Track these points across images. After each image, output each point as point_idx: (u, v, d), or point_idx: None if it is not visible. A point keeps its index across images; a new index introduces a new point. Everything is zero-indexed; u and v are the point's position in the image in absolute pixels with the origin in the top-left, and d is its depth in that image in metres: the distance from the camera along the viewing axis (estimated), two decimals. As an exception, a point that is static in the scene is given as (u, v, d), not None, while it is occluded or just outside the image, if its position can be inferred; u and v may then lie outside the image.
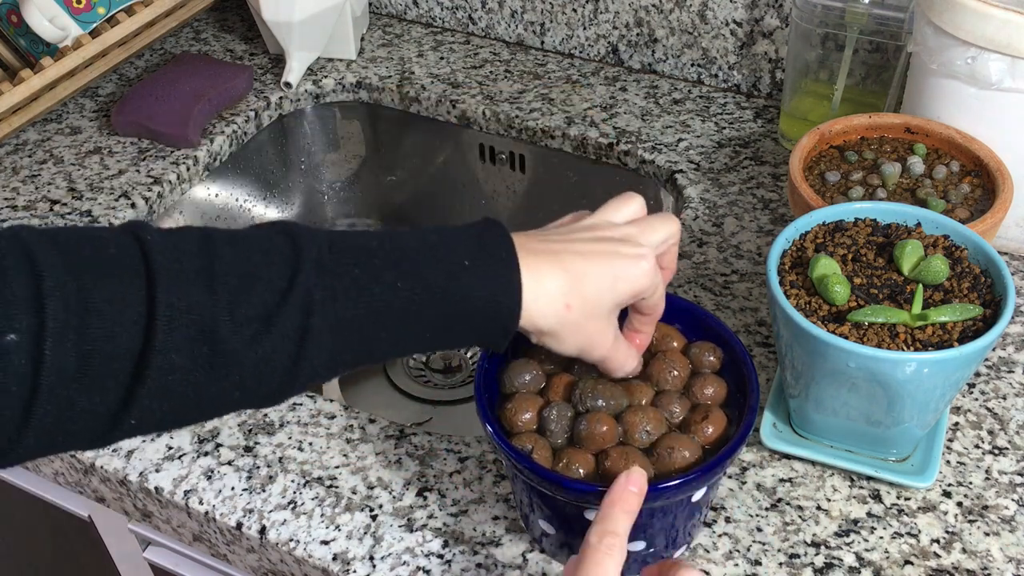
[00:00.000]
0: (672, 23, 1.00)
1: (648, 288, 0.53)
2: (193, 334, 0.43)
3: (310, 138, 1.10)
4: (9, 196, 0.91)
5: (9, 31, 0.98)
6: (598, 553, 0.45)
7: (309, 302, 0.45)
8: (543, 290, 0.50)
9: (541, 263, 0.51)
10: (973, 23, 0.69)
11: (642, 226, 0.55)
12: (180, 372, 0.43)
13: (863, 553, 0.59)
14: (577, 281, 0.51)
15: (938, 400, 0.57)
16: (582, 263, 0.52)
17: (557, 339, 0.52)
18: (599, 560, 0.45)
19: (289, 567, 0.63)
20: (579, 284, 0.51)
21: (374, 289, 0.47)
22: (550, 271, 0.51)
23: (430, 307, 0.48)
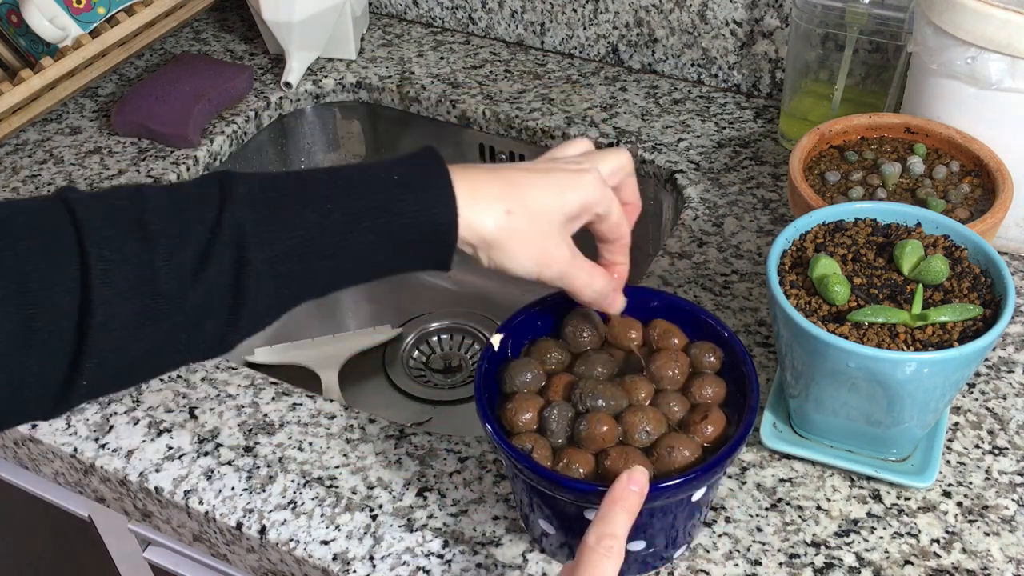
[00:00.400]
0: (672, 23, 1.00)
1: (598, 201, 0.53)
2: (132, 284, 0.43)
3: (310, 138, 1.10)
4: (9, 196, 0.91)
5: (9, 31, 0.98)
6: (595, 555, 0.44)
7: (241, 234, 0.45)
8: (480, 195, 0.50)
9: (477, 175, 0.51)
10: (973, 23, 0.69)
11: (590, 156, 0.56)
12: (123, 325, 0.43)
13: (863, 553, 0.59)
14: (516, 187, 0.51)
15: (938, 400, 0.57)
16: (522, 174, 0.52)
17: (504, 251, 0.51)
18: (596, 562, 0.44)
19: (289, 567, 0.63)
20: (519, 191, 0.51)
21: (307, 216, 0.47)
22: (487, 180, 0.51)
23: (366, 229, 0.48)
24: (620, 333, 0.59)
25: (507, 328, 0.59)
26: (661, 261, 0.81)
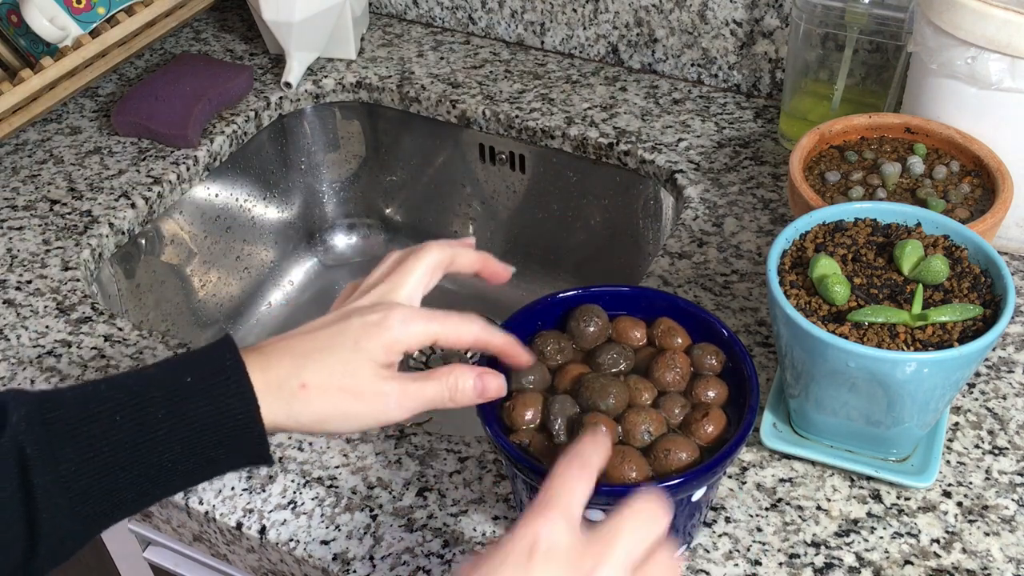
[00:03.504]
0: (672, 23, 1.00)
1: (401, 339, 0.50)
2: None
3: (310, 138, 1.10)
4: (9, 196, 0.91)
5: (9, 31, 0.98)
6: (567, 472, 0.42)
7: (22, 458, 0.43)
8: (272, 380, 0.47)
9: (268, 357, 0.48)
10: (973, 23, 0.69)
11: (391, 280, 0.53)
12: None
13: (863, 553, 0.59)
14: (307, 358, 0.48)
15: (938, 400, 0.57)
16: (312, 340, 0.49)
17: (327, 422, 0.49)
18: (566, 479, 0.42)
19: (289, 567, 0.63)
20: (309, 360, 0.48)
21: (92, 430, 0.44)
22: (275, 360, 0.48)
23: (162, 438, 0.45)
24: (624, 332, 0.59)
25: (507, 328, 0.59)
26: (661, 261, 0.81)
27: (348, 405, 0.49)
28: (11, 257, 0.84)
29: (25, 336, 0.77)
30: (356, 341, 0.49)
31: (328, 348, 0.49)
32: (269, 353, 0.49)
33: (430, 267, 0.54)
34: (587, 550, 0.40)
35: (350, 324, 0.50)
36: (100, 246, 0.87)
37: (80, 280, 0.82)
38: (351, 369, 0.49)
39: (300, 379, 0.48)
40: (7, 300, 0.80)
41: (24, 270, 0.83)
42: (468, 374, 0.51)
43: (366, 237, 1.19)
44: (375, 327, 0.49)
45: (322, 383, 0.48)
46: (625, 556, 0.40)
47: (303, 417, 0.48)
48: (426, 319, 0.51)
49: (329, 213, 1.17)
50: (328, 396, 0.48)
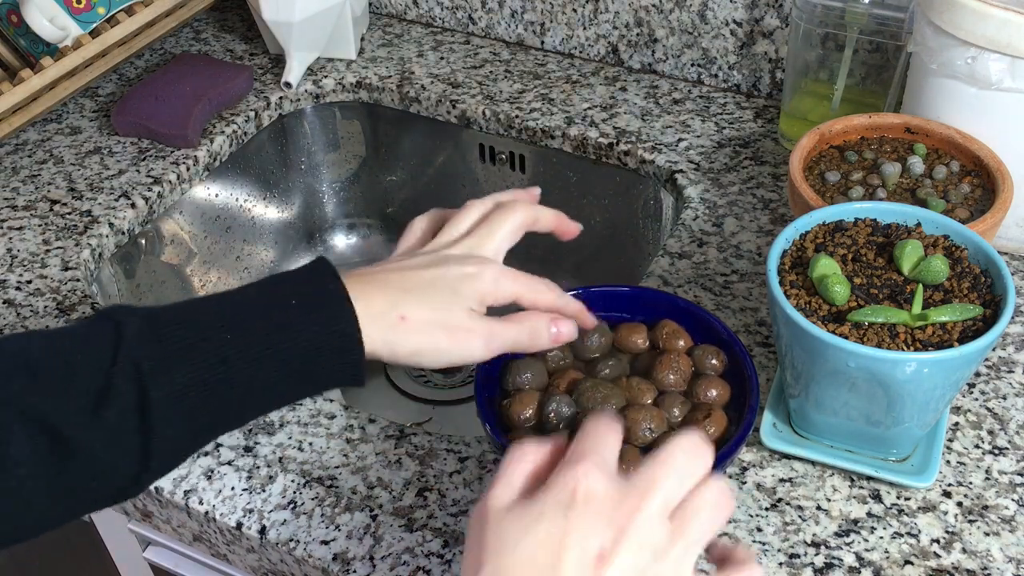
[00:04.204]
0: (672, 23, 1.00)
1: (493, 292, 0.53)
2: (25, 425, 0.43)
3: (310, 138, 1.10)
4: (9, 196, 0.91)
5: (9, 31, 0.98)
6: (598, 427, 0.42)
7: (138, 374, 0.45)
8: (374, 308, 0.50)
9: (369, 287, 0.51)
10: (973, 23, 0.69)
11: (480, 233, 0.56)
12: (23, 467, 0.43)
13: (863, 553, 0.59)
14: (407, 293, 0.51)
15: (938, 400, 0.57)
16: (412, 278, 0.52)
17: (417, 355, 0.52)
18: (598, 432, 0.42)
19: (289, 567, 0.63)
20: (410, 295, 0.51)
21: (204, 348, 0.46)
22: (376, 290, 0.51)
23: (268, 356, 0.47)
24: (626, 338, 0.59)
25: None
26: (661, 261, 0.81)
27: (441, 340, 0.52)
28: (11, 257, 0.84)
29: (25, 336, 0.77)
30: (455, 287, 0.52)
31: (428, 287, 0.52)
32: (369, 283, 0.51)
33: (516, 226, 0.57)
34: (626, 496, 0.39)
35: (449, 270, 0.53)
36: (100, 246, 0.87)
37: (80, 280, 0.82)
38: (448, 309, 0.52)
39: (400, 311, 0.51)
40: (7, 300, 0.80)
41: (24, 270, 0.83)
42: (543, 319, 0.54)
43: (366, 237, 1.19)
44: (472, 278, 0.53)
45: (421, 318, 0.51)
46: (663, 500, 0.40)
47: (399, 347, 0.51)
48: (513, 279, 0.55)
49: (329, 213, 1.17)
50: (425, 330, 0.51)
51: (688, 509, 0.40)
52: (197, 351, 0.46)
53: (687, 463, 0.41)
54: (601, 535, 0.38)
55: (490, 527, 0.40)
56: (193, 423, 0.47)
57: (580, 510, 0.38)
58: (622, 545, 0.38)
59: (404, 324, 0.51)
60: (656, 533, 0.39)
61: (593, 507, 0.39)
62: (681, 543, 0.39)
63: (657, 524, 0.39)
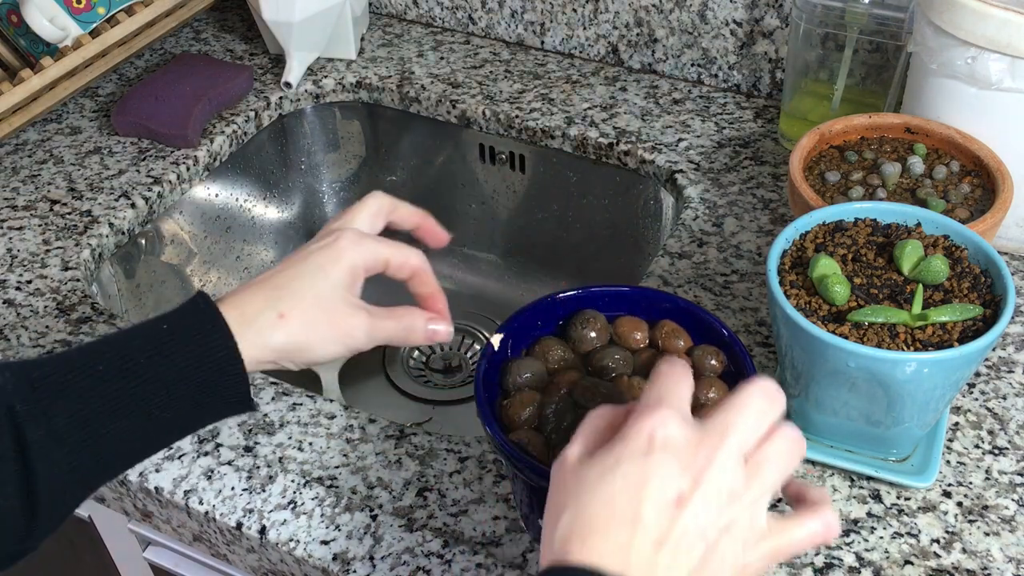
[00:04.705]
0: (672, 23, 1.00)
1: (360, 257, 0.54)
2: None
3: (310, 138, 1.10)
4: (9, 196, 0.91)
5: (9, 31, 0.98)
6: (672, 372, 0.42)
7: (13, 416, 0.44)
8: (248, 312, 0.50)
9: (241, 296, 0.51)
10: (973, 23, 0.69)
11: (342, 219, 0.57)
12: None
13: (863, 553, 0.59)
14: (280, 289, 0.51)
15: (938, 400, 0.57)
16: (281, 274, 0.53)
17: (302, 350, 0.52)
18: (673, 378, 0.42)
19: (289, 567, 0.63)
20: (283, 291, 0.51)
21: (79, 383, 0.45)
22: (251, 296, 0.51)
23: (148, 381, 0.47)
24: (626, 333, 0.59)
25: (507, 328, 0.59)
26: (661, 261, 0.81)
27: (324, 331, 0.52)
28: (11, 257, 0.84)
29: (25, 336, 0.77)
30: (320, 266, 0.53)
31: (298, 278, 0.52)
32: (240, 294, 0.51)
33: (373, 210, 0.58)
34: (702, 441, 0.40)
35: (308, 253, 0.54)
36: (100, 246, 0.87)
37: (80, 280, 0.82)
38: (323, 294, 0.52)
39: (278, 309, 0.51)
40: (7, 300, 0.80)
41: (24, 270, 0.83)
42: (420, 319, 0.56)
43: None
44: (329, 248, 0.53)
45: (299, 309, 0.51)
46: (738, 445, 0.40)
47: (284, 346, 0.50)
48: (375, 240, 0.55)
49: (329, 213, 1.17)
50: (306, 321, 0.51)
51: (762, 454, 0.41)
52: (72, 387, 0.45)
53: (761, 407, 0.41)
54: (678, 479, 0.39)
55: (570, 476, 0.41)
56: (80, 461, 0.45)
57: (658, 456, 0.39)
58: (699, 489, 0.39)
59: (284, 321, 0.50)
60: (731, 477, 0.39)
61: (670, 452, 0.39)
62: (756, 486, 0.40)
63: (732, 468, 0.39)
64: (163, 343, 0.48)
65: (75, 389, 0.45)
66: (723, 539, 0.39)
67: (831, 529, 0.42)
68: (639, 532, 0.38)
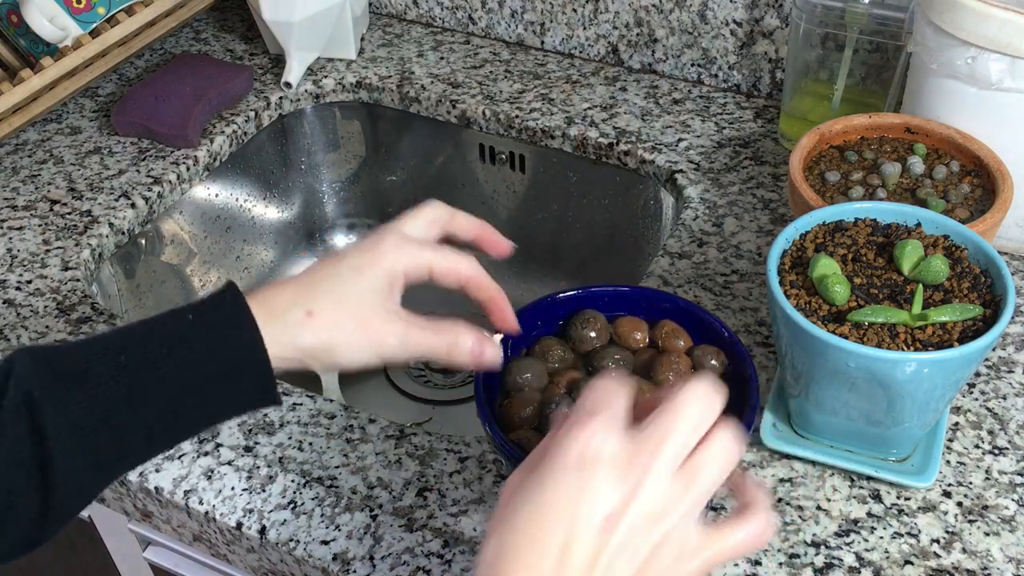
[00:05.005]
0: (672, 23, 1.00)
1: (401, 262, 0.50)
2: None
3: (310, 138, 1.10)
4: (9, 196, 0.91)
5: (9, 31, 0.98)
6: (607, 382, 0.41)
7: (31, 403, 0.43)
8: (277, 308, 0.48)
9: (270, 291, 0.49)
10: (973, 23, 0.69)
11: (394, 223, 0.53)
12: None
13: (863, 553, 0.59)
14: (310, 287, 0.49)
15: (938, 400, 0.57)
16: (315, 272, 0.50)
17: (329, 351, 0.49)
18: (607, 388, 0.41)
19: (289, 567, 0.63)
20: (313, 289, 0.49)
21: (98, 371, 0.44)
22: (279, 292, 0.49)
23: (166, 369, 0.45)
24: (626, 333, 0.59)
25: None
26: (661, 261, 0.81)
27: (354, 334, 0.49)
28: (11, 257, 0.84)
29: (25, 336, 0.77)
30: (358, 268, 0.50)
31: (332, 276, 0.50)
32: (269, 289, 0.49)
33: (428, 219, 0.54)
34: (636, 453, 0.39)
35: (345, 254, 0.51)
36: (100, 246, 0.87)
37: (80, 280, 0.82)
38: (357, 297, 0.49)
39: (306, 307, 0.48)
40: (7, 300, 0.80)
41: (24, 270, 0.83)
42: (469, 336, 0.51)
43: (366, 237, 1.19)
44: (369, 251, 0.50)
45: (330, 308, 0.48)
46: (673, 455, 0.39)
47: (310, 345, 0.48)
48: (419, 245, 0.52)
49: (329, 213, 1.17)
50: (336, 322, 0.48)
51: (696, 462, 0.40)
52: (91, 375, 0.44)
53: (697, 413, 0.40)
54: (608, 497, 0.37)
55: (506, 496, 0.39)
56: (96, 451, 0.44)
57: (588, 472, 0.38)
58: (632, 505, 0.38)
59: (312, 320, 0.48)
60: (663, 490, 0.38)
61: (604, 463, 0.38)
62: (688, 498, 0.39)
63: (665, 481, 0.38)
64: (185, 334, 0.46)
65: (95, 378, 0.44)
66: (657, 555, 0.38)
67: (767, 530, 0.41)
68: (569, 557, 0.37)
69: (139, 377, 0.45)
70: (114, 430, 0.45)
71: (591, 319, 0.59)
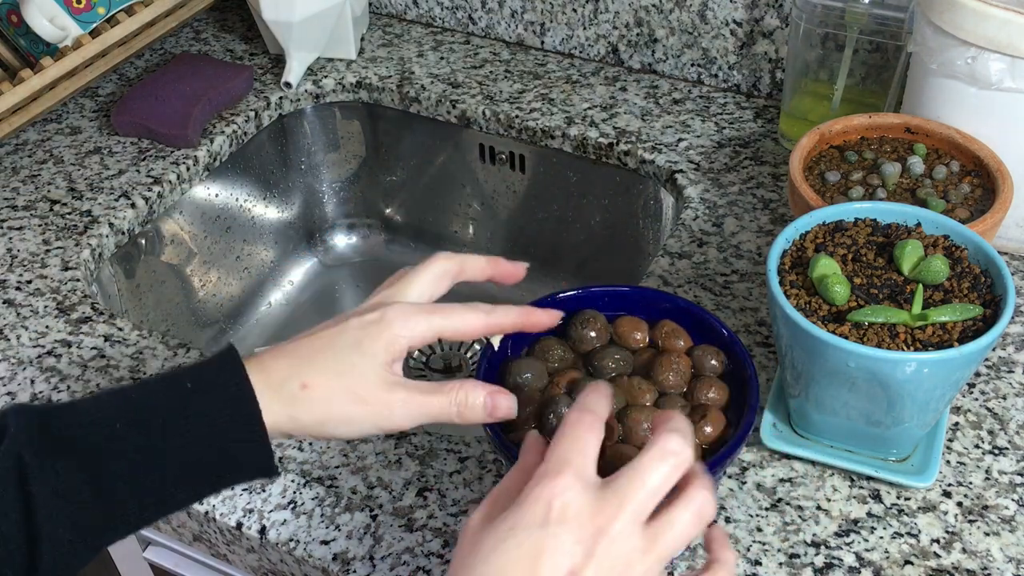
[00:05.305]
0: (672, 23, 1.00)
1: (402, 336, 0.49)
2: None
3: (310, 138, 1.10)
4: (9, 196, 0.91)
5: (9, 31, 0.98)
6: (578, 427, 0.41)
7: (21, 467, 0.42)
8: (273, 380, 0.47)
9: (267, 360, 0.48)
10: (973, 23, 0.69)
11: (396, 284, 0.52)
12: None
13: (863, 553, 0.59)
14: (306, 360, 0.48)
15: (938, 400, 0.57)
16: (312, 342, 0.49)
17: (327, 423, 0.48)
18: (578, 435, 0.41)
19: (289, 567, 0.63)
20: (311, 362, 0.48)
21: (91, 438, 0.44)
22: (276, 363, 0.48)
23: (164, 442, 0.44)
24: (626, 333, 0.59)
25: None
26: (661, 261, 0.81)
27: (351, 408, 0.48)
28: (11, 257, 0.84)
29: (25, 336, 0.77)
30: (357, 341, 0.48)
31: (329, 348, 0.48)
32: (267, 358, 0.48)
33: (436, 275, 0.53)
34: (598, 511, 0.39)
35: (348, 325, 0.49)
36: (100, 246, 0.87)
37: (80, 280, 0.82)
38: (354, 370, 0.48)
39: (301, 379, 0.47)
40: (7, 300, 0.80)
41: (24, 270, 0.83)
42: (479, 391, 0.50)
43: (366, 237, 1.19)
44: (373, 325, 0.49)
45: (325, 383, 0.47)
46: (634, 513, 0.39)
47: (304, 418, 0.47)
48: (427, 313, 0.50)
49: (329, 213, 1.17)
50: (330, 396, 0.47)
51: (664, 522, 0.40)
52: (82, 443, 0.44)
53: (661, 471, 0.40)
54: (572, 553, 0.38)
55: (467, 542, 0.40)
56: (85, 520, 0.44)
57: (553, 528, 0.38)
58: (592, 562, 0.38)
59: (306, 393, 0.47)
60: (628, 546, 0.39)
61: (566, 525, 0.38)
62: (652, 554, 0.39)
63: (629, 537, 0.39)
64: (183, 403, 0.45)
65: (86, 444, 0.44)
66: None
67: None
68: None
69: (133, 446, 0.44)
70: (105, 502, 0.44)
71: (591, 319, 0.59)
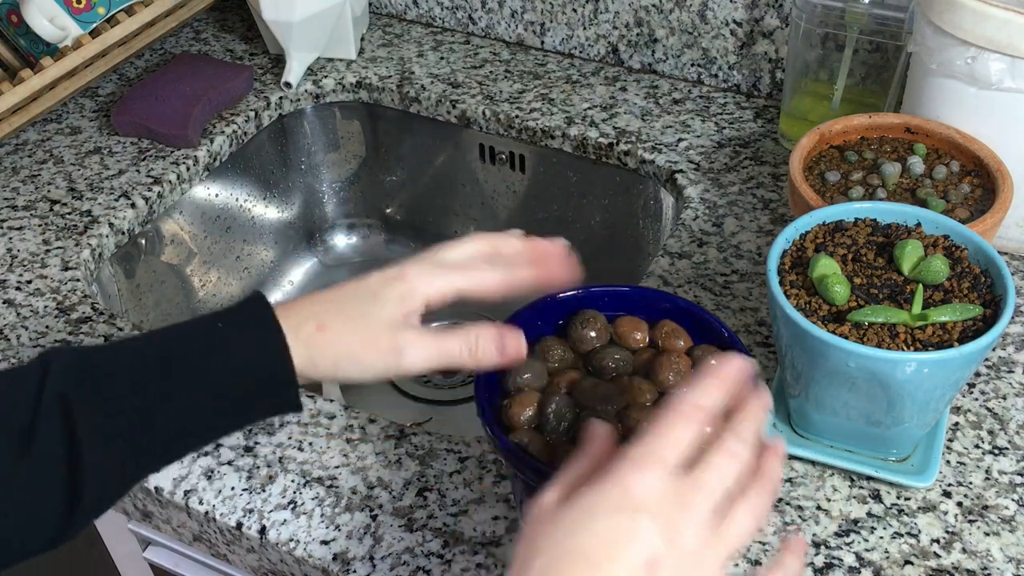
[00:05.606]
0: (672, 23, 1.00)
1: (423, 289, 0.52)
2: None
3: (310, 138, 1.10)
4: (9, 196, 0.91)
5: (9, 31, 0.98)
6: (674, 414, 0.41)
7: (64, 403, 0.45)
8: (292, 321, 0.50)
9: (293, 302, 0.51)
10: (973, 23, 0.69)
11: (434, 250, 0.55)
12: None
13: (863, 553, 0.59)
14: (327, 304, 0.51)
15: (938, 400, 0.57)
16: (336, 291, 0.52)
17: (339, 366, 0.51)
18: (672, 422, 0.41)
19: (289, 567, 0.63)
20: (329, 305, 0.51)
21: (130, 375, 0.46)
22: (298, 304, 0.51)
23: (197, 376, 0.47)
24: (626, 333, 0.59)
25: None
26: (661, 261, 0.81)
27: (361, 350, 0.51)
28: (11, 257, 0.84)
29: (25, 336, 0.77)
30: (375, 292, 0.52)
31: (347, 298, 0.52)
32: (290, 304, 0.52)
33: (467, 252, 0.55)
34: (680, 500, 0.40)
35: (369, 279, 0.53)
36: (100, 246, 0.87)
37: (80, 280, 0.82)
38: (368, 316, 0.51)
39: (318, 321, 0.50)
40: (7, 300, 0.80)
41: (24, 270, 0.83)
42: (489, 332, 0.52)
43: (366, 237, 1.19)
44: (393, 279, 0.52)
45: (339, 326, 0.51)
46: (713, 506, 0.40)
47: (320, 360, 0.50)
48: (446, 270, 0.53)
49: (329, 213, 1.17)
50: (343, 338, 0.50)
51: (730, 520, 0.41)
52: (121, 378, 0.46)
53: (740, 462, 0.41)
54: (652, 541, 0.39)
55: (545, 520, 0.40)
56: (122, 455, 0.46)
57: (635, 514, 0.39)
58: (671, 553, 0.39)
59: (322, 334, 0.50)
60: (701, 540, 0.40)
61: (648, 511, 0.39)
62: (722, 548, 0.40)
63: (703, 531, 0.40)
64: (215, 341, 0.49)
65: (128, 383, 0.46)
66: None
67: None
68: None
69: (171, 384, 0.47)
70: (144, 436, 0.47)
71: (591, 319, 0.59)
